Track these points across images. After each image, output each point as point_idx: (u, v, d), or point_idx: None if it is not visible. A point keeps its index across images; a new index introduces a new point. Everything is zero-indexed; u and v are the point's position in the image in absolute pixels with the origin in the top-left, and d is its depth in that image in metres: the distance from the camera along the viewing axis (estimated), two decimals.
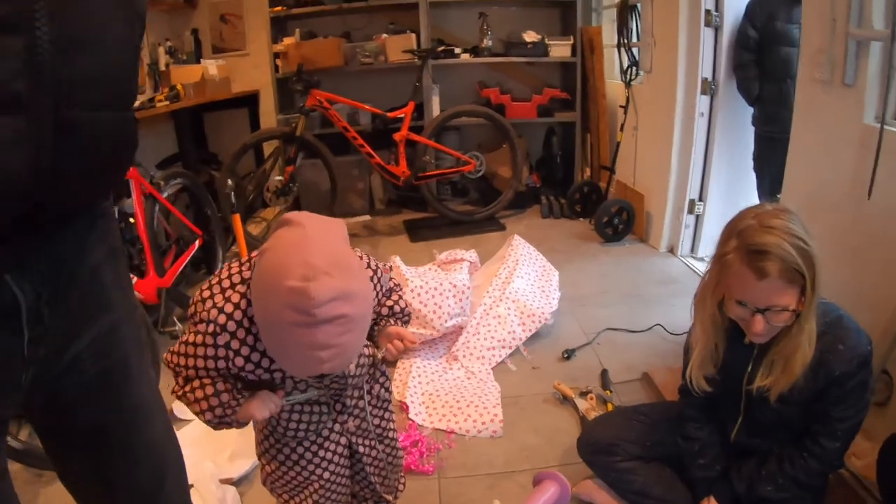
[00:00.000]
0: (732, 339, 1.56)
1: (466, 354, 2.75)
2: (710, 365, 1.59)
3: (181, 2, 5.36)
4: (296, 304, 1.00)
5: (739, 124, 3.57)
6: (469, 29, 5.17)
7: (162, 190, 3.35)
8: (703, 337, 1.58)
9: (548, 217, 4.75)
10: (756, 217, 1.40)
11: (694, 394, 1.66)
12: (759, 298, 1.38)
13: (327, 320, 1.01)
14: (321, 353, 1.03)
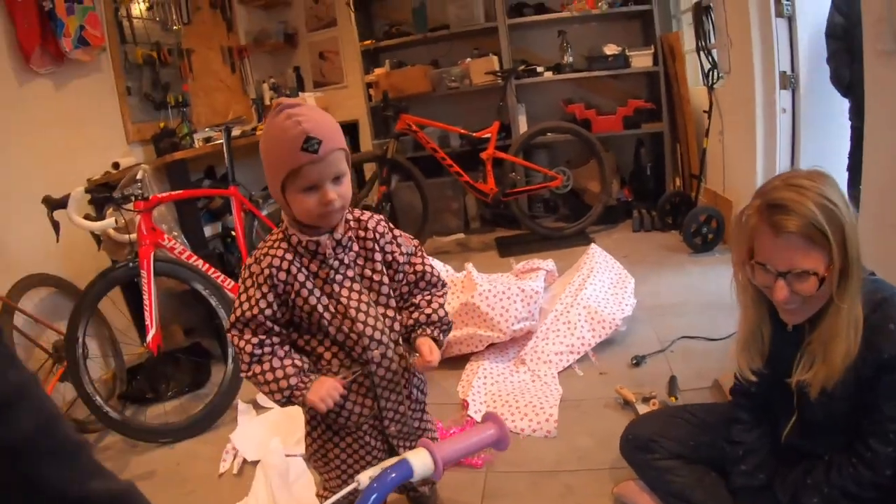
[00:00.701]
0: (777, 328, 1.48)
1: (534, 358, 2.82)
2: (757, 355, 1.51)
3: (283, 42, 5.76)
4: (276, 114, 1.33)
5: (830, 120, 3.36)
6: (550, 47, 5.26)
7: (261, 207, 3.72)
8: (745, 316, 1.51)
9: (639, 230, 4.71)
10: (783, 178, 1.35)
11: (742, 388, 1.62)
12: (779, 258, 1.30)
13: (293, 104, 1.33)
14: (297, 116, 1.29)
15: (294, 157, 1.29)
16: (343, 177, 1.37)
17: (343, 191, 1.36)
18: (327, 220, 1.39)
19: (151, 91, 4.32)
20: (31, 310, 3.08)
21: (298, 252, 1.42)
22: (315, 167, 1.31)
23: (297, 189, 1.33)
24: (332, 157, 1.32)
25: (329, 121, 1.36)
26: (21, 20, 3.29)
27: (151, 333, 2.72)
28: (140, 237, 2.80)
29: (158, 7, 4.50)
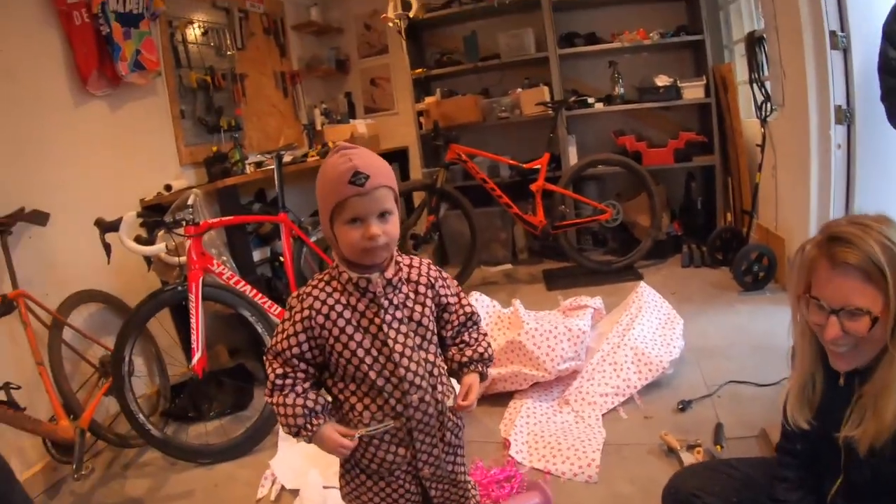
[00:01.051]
0: (830, 379, 1.42)
1: (578, 399, 2.78)
2: (807, 406, 1.45)
3: (334, 69, 5.86)
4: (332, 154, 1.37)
5: (888, 157, 3.22)
6: (601, 77, 5.25)
7: (310, 234, 3.77)
8: (800, 362, 1.46)
9: (688, 266, 4.63)
10: (849, 217, 1.31)
11: (788, 445, 1.56)
12: (834, 293, 1.26)
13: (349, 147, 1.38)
14: (349, 154, 1.33)
15: (341, 189, 1.32)
16: (389, 215, 1.37)
17: (389, 228, 1.36)
18: (371, 255, 1.37)
19: (205, 115, 4.42)
20: (81, 324, 3.16)
21: (347, 290, 1.40)
22: (360, 200, 1.32)
23: (342, 221, 1.35)
24: (378, 192, 1.33)
25: (380, 161, 1.38)
26: (79, 44, 3.40)
27: (197, 357, 2.76)
28: (189, 262, 2.85)
29: (213, 33, 4.61)
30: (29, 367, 2.85)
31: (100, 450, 3.16)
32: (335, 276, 1.42)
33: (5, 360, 2.86)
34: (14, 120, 3.07)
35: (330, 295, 1.41)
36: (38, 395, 2.82)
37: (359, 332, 1.40)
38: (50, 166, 3.24)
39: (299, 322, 1.39)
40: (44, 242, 3.14)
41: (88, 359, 3.17)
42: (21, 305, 2.75)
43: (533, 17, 5.10)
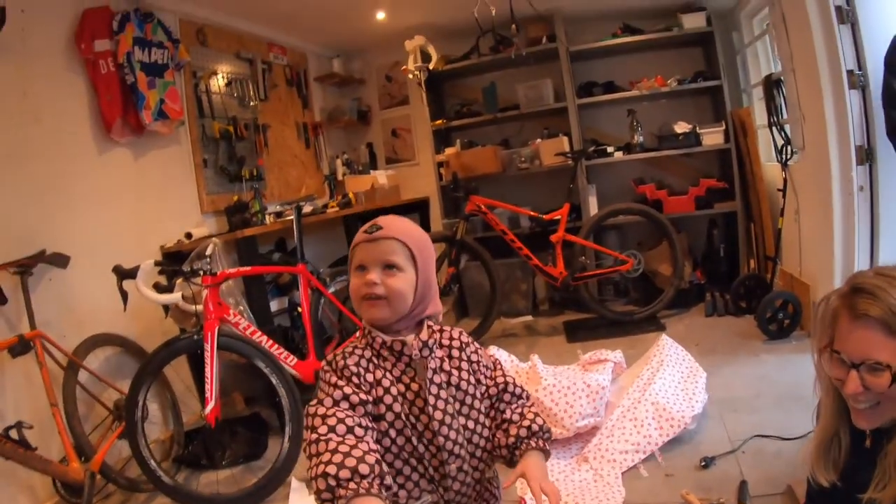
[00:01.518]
0: (855, 440, 1.38)
1: (597, 456, 2.70)
2: (831, 465, 1.41)
3: (356, 119, 5.94)
4: None
5: None
6: (619, 125, 5.28)
7: (328, 285, 3.76)
8: (824, 418, 1.43)
9: (711, 315, 4.56)
10: (876, 268, 1.30)
11: (814, 499, 1.50)
12: (854, 347, 1.23)
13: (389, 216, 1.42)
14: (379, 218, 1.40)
15: (357, 237, 1.39)
16: (396, 270, 1.35)
17: (391, 282, 1.34)
18: (369, 308, 1.35)
19: (227, 164, 4.48)
20: (97, 367, 3.18)
21: (382, 355, 1.37)
22: (367, 246, 1.35)
23: (352, 268, 1.39)
24: (386, 243, 1.35)
25: (407, 224, 1.42)
26: (104, 92, 3.48)
27: (210, 406, 2.74)
28: (206, 311, 2.86)
29: (237, 83, 4.70)
30: (42, 406, 2.87)
31: (110, 492, 3.15)
32: (369, 343, 1.38)
33: (19, 399, 2.89)
34: (39, 163, 3.14)
35: (369, 360, 1.35)
36: (51, 435, 2.85)
37: (398, 399, 1.34)
38: (72, 210, 3.31)
39: (352, 377, 1.31)
40: (63, 285, 3.19)
41: (103, 401, 3.18)
42: (38, 346, 2.78)
43: (551, 67, 5.16)
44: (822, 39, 3.21)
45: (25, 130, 3.09)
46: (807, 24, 3.24)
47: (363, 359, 1.35)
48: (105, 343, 3.28)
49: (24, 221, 3.05)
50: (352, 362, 1.33)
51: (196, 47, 4.30)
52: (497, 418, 1.46)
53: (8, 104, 3.02)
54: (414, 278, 1.37)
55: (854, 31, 3.13)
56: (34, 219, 3.10)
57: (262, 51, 5.06)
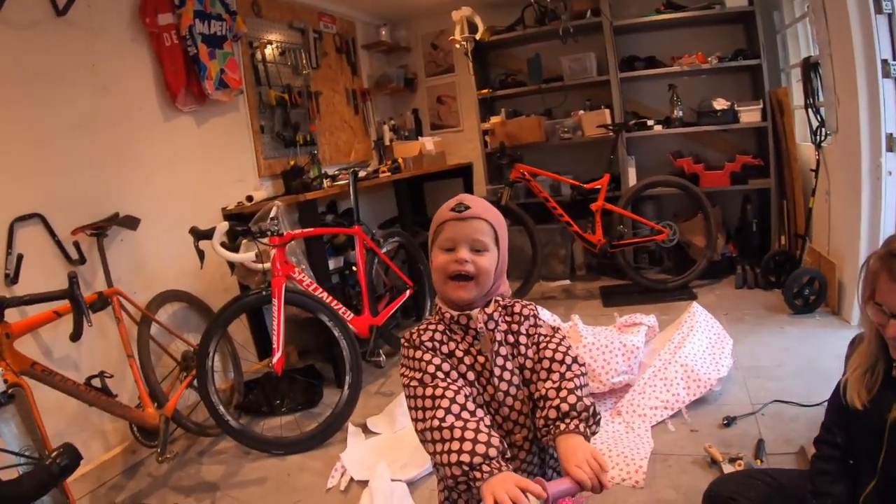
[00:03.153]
0: (889, 366, 1.54)
1: (629, 411, 2.94)
2: (865, 388, 1.57)
3: (402, 87, 6.12)
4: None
5: None
6: (660, 100, 5.39)
7: (381, 246, 4.03)
8: (867, 345, 1.58)
9: (741, 287, 4.72)
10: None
11: (827, 437, 1.68)
12: (893, 301, 1.41)
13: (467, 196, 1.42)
14: (462, 197, 1.40)
15: (443, 214, 1.39)
16: (484, 251, 1.37)
17: (480, 261, 1.35)
18: (457, 288, 1.37)
19: (282, 130, 4.70)
20: (165, 321, 3.43)
21: (451, 328, 1.40)
22: (456, 225, 1.36)
23: (437, 245, 1.39)
24: (475, 222, 1.37)
25: (490, 207, 1.43)
26: (169, 64, 3.68)
27: (277, 356, 3.01)
28: (274, 269, 3.11)
29: (290, 53, 4.90)
30: (115, 357, 3.14)
31: (176, 437, 3.41)
32: (441, 318, 1.42)
33: (94, 351, 3.13)
34: (110, 132, 3.34)
35: (443, 333, 1.39)
36: (122, 384, 3.11)
37: (470, 368, 1.38)
38: (141, 175, 3.53)
39: (431, 349, 1.36)
40: (133, 245, 3.43)
41: (171, 353, 3.43)
42: (115, 302, 3.00)
43: (595, 40, 5.27)
44: (859, 28, 3.29)
45: (95, 101, 3.27)
46: (845, 12, 3.33)
47: (437, 332, 1.39)
48: (173, 299, 3.53)
49: (98, 186, 3.25)
50: (427, 337, 1.37)
51: (252, 18, 4.48)
52: (535, 392, 1.37)
53: (78, 76, 3.19)
54: (496, 258, 1.40)
55: (890, 21, 3.21)
56: (107, 184, 3.30)
57: (313, 20, 5.24)
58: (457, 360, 1.37)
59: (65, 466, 1.22)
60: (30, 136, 2.92)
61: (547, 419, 1.28)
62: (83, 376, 2.76)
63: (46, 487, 1.20)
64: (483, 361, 1.38)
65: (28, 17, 2.93)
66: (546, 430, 1.28)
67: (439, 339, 1.38)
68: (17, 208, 2.83)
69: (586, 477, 1.12)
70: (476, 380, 1.37)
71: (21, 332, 2.40)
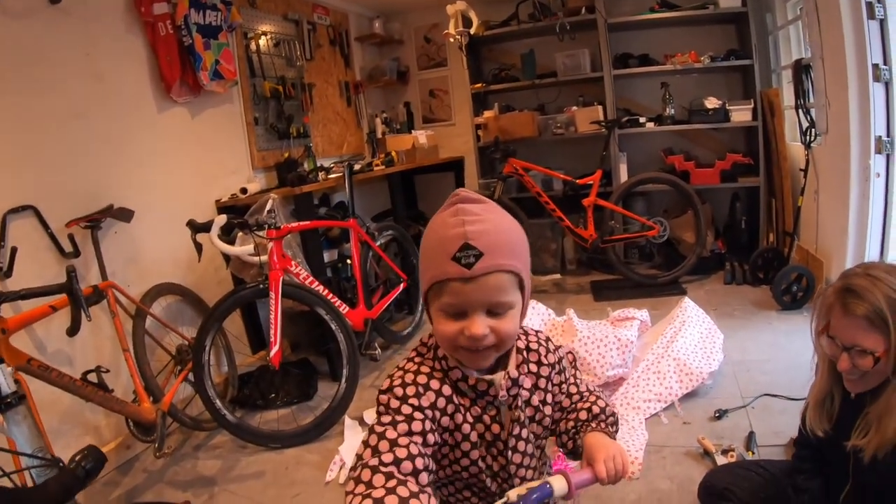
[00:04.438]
0: (845, 394, 1.62)
1: (623, 403, 2.98)
2: (825, 418, 1.65)
3: (395, 79, 6.14)
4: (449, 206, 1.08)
5: None
6: (652, 97, 5.42)
7: (376, 239, 4.05)
8: (820, 378, 1.66)
9: (730, 283, 4.77)
10: (865, 266, 1.52)
11: (804, 439, 1.75)
12: (845, 334, 1.48)
13: (471, 200, 1.06)
14: (465, 217, 1.02)
15: (442, 265, 1.01)
16: (507, 310, 1.05)
17: (503, 326, 1.04)
18: (471, 359, 1.08)
19: (276, 121, 4.70)
20: (159, 315, 3.42)
21: (459, 390, 1.11)
22: (463, 287, 1.00)
23: (438, 306, 1.05)
24: (491, 279, 1.00)
25: (507, 230, 1.05)
26: (163, 54, 3.66)
27: (275, 349, 3.02)
28: (271, 262, 3.11)
29: (284, 44, 4.89)
30: (109, 352, 3.14)
31: (171, 431, 3.40)
32: (444, 371, 1.11)
33: (86, 346, 3.11)
34: (104, 122, 3.31)
35: (447, 398, 1.10)
36: (118, 379, 3.10)
37: (476, 444, 1.13)
38: (135, 167, 3.50)
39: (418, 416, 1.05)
40: (127, 238, 3.40)
41: (166, 347, 3.41)
42: (110, 295, 2.99)
43: (589, 37, 5.30)
44: (852, 32, 3.34)
45: (90, 91, 3.24)
46: (837, 15, 3.38)
47: (449, 401, 1.09)
48: (167, 292, 3.52)
49: (92, 178, 3.22)
50: (429, 403, 1.07)
51: (246, 9, 4.47)
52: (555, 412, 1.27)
53: (72, 65, 3.15)
54: (521, 305, 1.09)
55: (882, 27, 3.26)
56: (101, 175, 3.28)
57: (307, 11, 5.23)
58: (461, 435, 1.11)
59: (90, 469, 1.23)
60: (22, 127, 2.89)
61: (577, 420, 1.23)
62: (78, 371, 2.73)
63: (72, 492, 1.21)
64: (497, 431, 1.14)
65: (22, 5, 2.90)
66: (574, 431, 1.22)
67: (441, 405, 1.08)
68: (9, 200, 2.80)
69: (607, 475, 1.09)
70: (486, 452, 1.15)
71: (17, 328, 2.38)
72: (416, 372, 1.10)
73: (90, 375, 2.74)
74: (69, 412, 2.95)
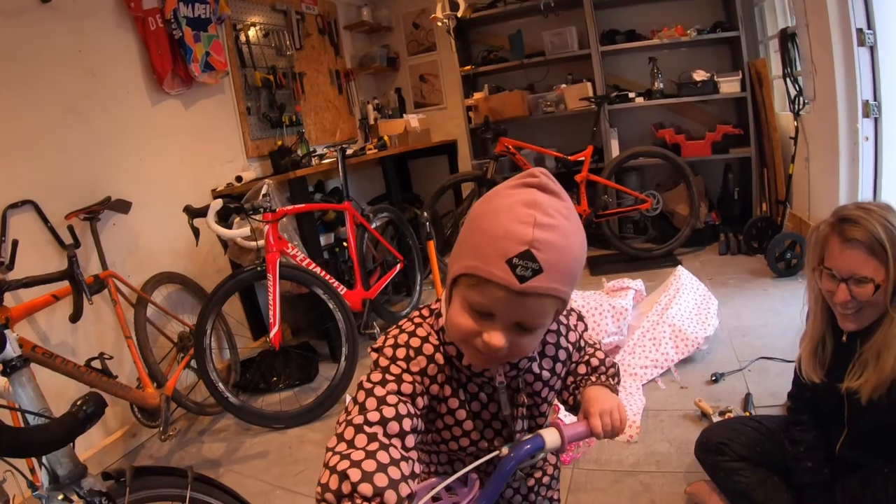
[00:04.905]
0: (837, 339, 1.64)
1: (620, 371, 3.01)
2: (819, 364, 1.67)
3: (385, 66, 6.16)
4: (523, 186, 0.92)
5: None
6: (641, 72, 5.45)
7: (371, 221, 4.09)
8: (813, 324, 1.68)
9: (725, 254, 4.80)
10: (855, 203, 1.54)
11: (798, 392, 1.80)
12: (843, 264, 1.49)
13: (551, 191, 0.90)
14: (538, 214, 0.87)
15: (492, 262, 0.88)
16: (537, 329, 0.96)
17: (525, 343, 0.95)
18: (477, 360, 1.00)
19: (268, 111, 4.73)
20: (160, 303, 3.46)
21: (455, 366, 1.05)
22: (504, 297, 0.88)
23: (464, 297, 0.94)
24: (538, 301, 0.89)
25: (575, 248, 0.91)
26: (154, 47, 3.69)
27: (274, 331, 3.06)
28: (267, 245, 3.15)
29: (273, 34, 4.91)
30: (111, 340, 3.19)
31: (176, 417, 3.44)
32: (441, 342, 1.05)
33: (89, 335, 3.16)
34: (99, 116, 3.35)
35: (442, 364, 1.04)
36: (121, 366, 3.14)
37: (471, 419, 1.08)
38: (131, 159, 3.55)
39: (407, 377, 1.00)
40: (125, 229, 3.45)
41: (167, 334, 3.47)
42: (111, 285, 3.04)
43: (575, 15, 5.31)
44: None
45: (84, 86, 3.28)
46: None
47: (424, 357, 1.02)
48: (168, 281, 3.57)
49: (89, 171, 3.27)
50: (402, 355, 1.02)
51: (235, 1, 4.48)
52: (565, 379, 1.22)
53: (66, 62, 3.19)
54: (550, 323, 1.01)
55: None
56: (98, 168, 3.32)
57: (295, 2, 5.24)
58: (446, 408, 1.06)
59: (91, 413, 1.26)
60: (19, 123, 2.92)
61: (576, 374, 1.18)
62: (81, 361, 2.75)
63: (73, 433, 1.25)
64: (495, 411, 1.09)
65: (14, 5, 2.93)
66: (574, 386, 1.17)
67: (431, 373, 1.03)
68: (8, 196, 2.84)
69: (602, 429, 1.05)
70: (483, 429, 1.09)
71: (20, 317, 2.43)
72: (412, 334, 1.04)
73: (94, 363, 2.76)
74: None
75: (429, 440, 1.10)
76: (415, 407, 0.97)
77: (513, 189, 0.91)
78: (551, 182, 0.91)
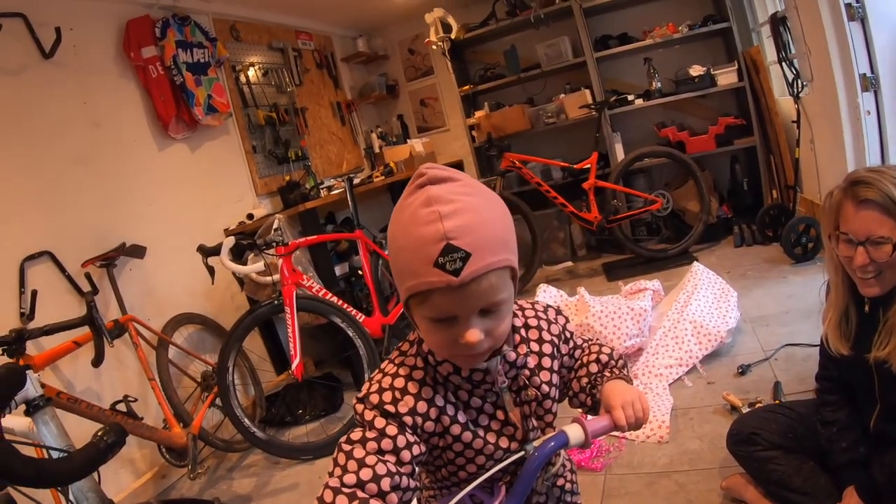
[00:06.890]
0: (860, 309, 1.61)
1: (646, 372, 3.00)
2: (844, 337, 1.64)
3: (385, 94, 6.22)
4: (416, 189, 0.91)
5: None
6: (637, 74, 5.47)
7: (384, 247, 4.07)
8: (836, 295, 1.65)
9: (740, 246, 4.76)
10: (865, 167, 1.52)
11: (826, 373, 1.77)
12: (858, 227, 1.46)
13: (441, 179, 0.90)
14: (439, 206, 0.86)
15: (423, 273, 0.86)
16: (501, 306, 0.92)
17: (499, 326, 0.93)
18: (467, 362, 0.98)
19: (274, 148, 4.78)
20: (181, 344, 3.49)
21: (452, 383, 1.02)
22: (452, 296, 0.86)
23: (423, 315, 0.92)
24: (483, 282, 0.87)
25: (492, 217, 0.91)
26: (157, 94, 3.76)
27: (296, 362, 3.07)
28: (283, 278, 3.17)
29: (273, 72, 4.98)
30: (135, 384, 3.21)
31: (204, 456, 3.45)
32: (431, 367, 1.01)
33: (114, 379, 3.20)
34: (107, 165, 3.42)
35: (430, 397, 0.99)
36: (146, 409, 3.18)
37: (480, 431, 1.03)
38: (142, 204, 3.60)
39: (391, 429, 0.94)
40: (142, 273, 3.50)
41: (191, 374, 3.50)
42: (131, 329, 3.07)
43: (567, 24, 5.35)
44: None
45: (91, 137, 3.36)
46: None
47: (411, 396, 0.98)
48: (187, 322, 3.60)
49: (102, 219, 3.33)
50: (407, 409, 0.96)
51: (231, 43, 4.57)
52: (565, 376, 1.20)
53: (72, 114, 3.27)
54: (513, 294, 0.96)
55: None
56: (110, 216, 3.37)
57: (291, 38, 5.32)
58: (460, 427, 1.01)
59: (112, 443, 1.28)
60: (31, 177, 2.99)
61: (590, 374, 1.15)
62: (106, 405, 2.80)
63: (96, 463, 1.26)
64: (503, 418, 1.05)
65: (16, 63, 3.01)
66: (590, 386, 1.14)
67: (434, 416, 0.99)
68: (25, 247, 2.89)
69: (626, 421, 1.02)
70: (496, 440, 1.05)
71: (44, 364, 2.46)
72: (395, 375, 1.00)
73: (119, 406, 2.81)
74: None
75: (445, 475, 1.07)
76: (400, 464, 0.93)
77: (409, 197, 0.90)
78: (440, 170, 0.91)
